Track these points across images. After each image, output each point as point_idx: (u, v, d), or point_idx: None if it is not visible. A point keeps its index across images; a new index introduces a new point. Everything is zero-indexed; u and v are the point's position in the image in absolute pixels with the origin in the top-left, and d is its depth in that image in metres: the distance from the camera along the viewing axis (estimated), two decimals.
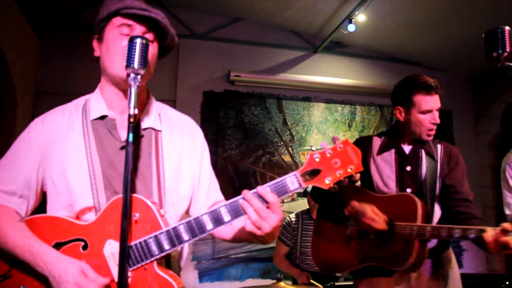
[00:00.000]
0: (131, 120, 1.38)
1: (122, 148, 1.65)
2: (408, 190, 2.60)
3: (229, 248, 5.50)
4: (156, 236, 1.48)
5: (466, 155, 6.94)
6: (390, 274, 2.56)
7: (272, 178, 1.57)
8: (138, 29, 1.61)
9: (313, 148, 1.48)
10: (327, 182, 1.45)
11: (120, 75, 1.57)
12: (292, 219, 4.33)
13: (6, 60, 4.29)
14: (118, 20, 1.61)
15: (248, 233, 1.51)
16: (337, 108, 6.29)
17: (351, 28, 5.28)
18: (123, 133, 1.67)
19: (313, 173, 1.46)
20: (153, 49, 1.64)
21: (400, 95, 2.66)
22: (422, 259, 2.47)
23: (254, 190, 1.46)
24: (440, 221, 2.65)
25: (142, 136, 1.69)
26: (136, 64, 1.41)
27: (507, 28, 1.63)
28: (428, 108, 2.55)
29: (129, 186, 1.36)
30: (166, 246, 1.48)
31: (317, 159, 1.46)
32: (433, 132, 2.61)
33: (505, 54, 1.62)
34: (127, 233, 1.36)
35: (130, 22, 1.60)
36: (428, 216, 2.51)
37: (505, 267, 5.96)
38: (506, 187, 3.13)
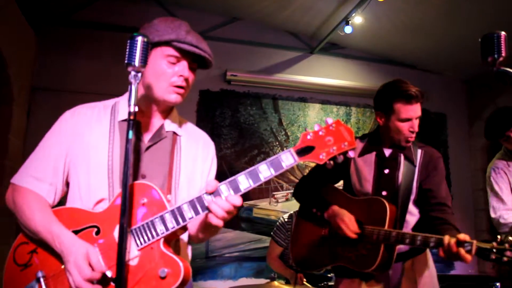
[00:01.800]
0: (131, 117, 1.43)
1: (147, 149, 1.79)
2: (384, 193, 2.64)
3: (222, 247, 5.51)
4: (161, 216, 1.58)
5: (459, 158, 7.00)
6: (368, 277, 2.62)
7: None
8: (184, 62, 1.76)
9: (307, 129, 1.54)
10: (321, 157, 1.49)
11: (164, 98, 1.77)
12: (286, 220, 4.34)
13: (3, 56, 4.28)
14: (167, 49, 1.73)
15: (204, 224, 1.69)
16: (333, 109, 6.31)
17: (348, 29, 5.30)
18: (147, 136, 1.83)
19: (307, 150, 1.50)
20: (193, 76, 1.82)
21: (381, 101, 2.67)
22: (389, 263, 2.52)
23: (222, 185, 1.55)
24: (417, 224, 2.68)
25: (165, 137, 1.85)
26: (137, 62, 1.45)
27: (503, 33, 1.66)
28: (407, 117, 2.56)
29: (128, 182, 1.43)
30: (170, 224, 1.56)
31: (310, 138, 1.51)
32: (412, 139, 2.63)
33: (501, 58, 1.64)
34: (126, 232, 1.43)
35: (178, 54, 1.74)
36: (396, 221, 2.56)
37: (495, 269, 6.00)
38: (491, 192, 3.18)
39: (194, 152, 1.91)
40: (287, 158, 1.51)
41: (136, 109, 1.44)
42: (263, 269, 5.47)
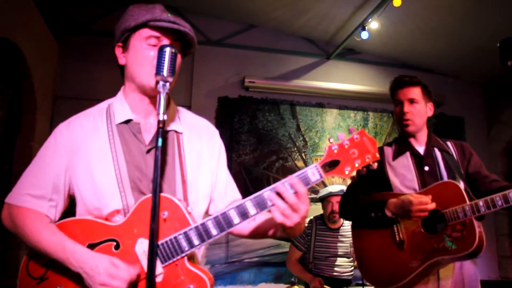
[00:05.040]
0: (161, 125, 1.43)
1: (148, 151, 1.70)
2: None
3: (242, 253, 5.55)
4: (185, 233, 1.54)
5: None
6: None
7: None
8: (165, 40, 1.66)
9: (331, 140, 1.53)
10: (346, 172, 1.50)
11: (150, 84, 1.62)
12: (306, 224, 4.36)
13: (28, 65, 4.40)
14: (145, 31, 1.65)
15: (272, 226, 1.60)
16: (350, 114, 6.33)
17: (364, 35, 5.32)
18: (147, 136, 1.72)
19: (333, 164, 1.51)
20: (178, 58, 1.68)
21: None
22: (483, 240, 2.42)
23: (284, 180, 1.50)
24: None
25: (166, 138, 1.74)
26: (165, 72, 1.48)
27: None
28: (398, 99, 2.81)
29: (158, 188, 1.40)
30: (196, 241, 1.53)
31: (335, 151, 1.51)
32: (406, 122, 2.76)
33: None
34: (157, 234, 1.41)
35: (157, 34, 1.65)
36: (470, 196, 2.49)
37: None
38: None
39: (198, 148, 1.81)
40: (313, 174, 1.50)
41: (165, 117, 1.44)
42: (282, 274, 5.49)
